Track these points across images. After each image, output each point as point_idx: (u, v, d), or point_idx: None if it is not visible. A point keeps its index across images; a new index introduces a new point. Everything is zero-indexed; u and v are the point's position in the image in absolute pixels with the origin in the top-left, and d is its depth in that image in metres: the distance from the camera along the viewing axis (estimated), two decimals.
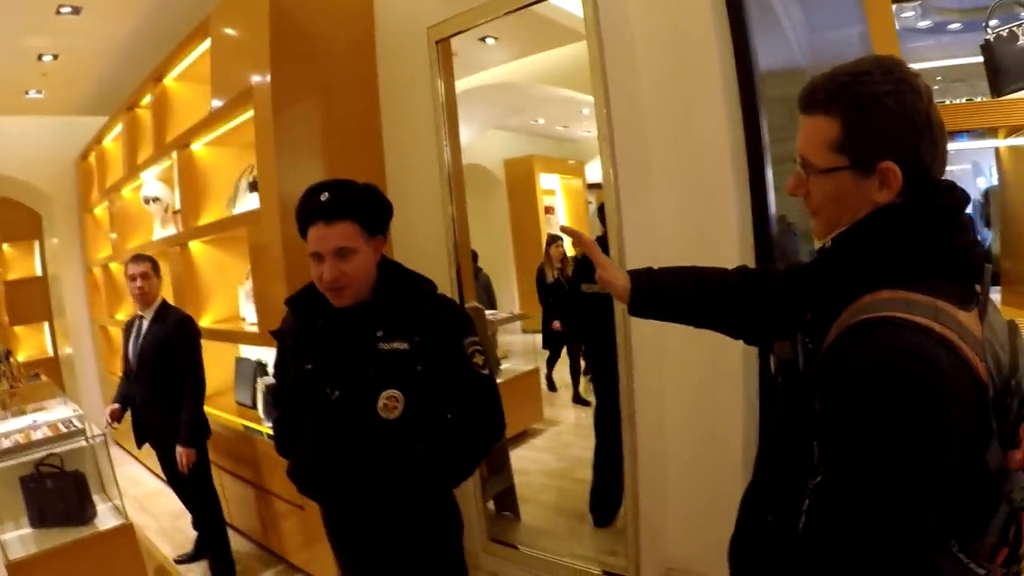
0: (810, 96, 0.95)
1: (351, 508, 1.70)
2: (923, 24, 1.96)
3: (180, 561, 3.48)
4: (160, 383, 3.09)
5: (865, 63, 0.92)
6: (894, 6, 1.75)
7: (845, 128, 0.91)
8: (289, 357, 1.73)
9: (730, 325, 1.27)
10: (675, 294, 1.24)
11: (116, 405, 3.21)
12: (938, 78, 1.93)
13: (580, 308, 3.02)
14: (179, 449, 3.02)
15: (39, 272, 8.07)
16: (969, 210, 0.95)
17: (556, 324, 4.77)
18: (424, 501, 1.69)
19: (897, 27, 1.75)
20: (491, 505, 3.20)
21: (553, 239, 4.91)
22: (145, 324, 3.16)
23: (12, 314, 8.11)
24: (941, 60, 1.96)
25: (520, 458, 3.81)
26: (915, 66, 0.92)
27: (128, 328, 3.28)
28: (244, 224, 3.21)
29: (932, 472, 0.79)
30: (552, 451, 4.01)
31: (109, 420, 3.18)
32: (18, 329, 8.21)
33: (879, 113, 0.88)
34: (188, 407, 3.06)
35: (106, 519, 2.91)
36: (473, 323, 1.76)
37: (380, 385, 1.59)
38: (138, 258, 3.20)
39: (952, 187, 0.93)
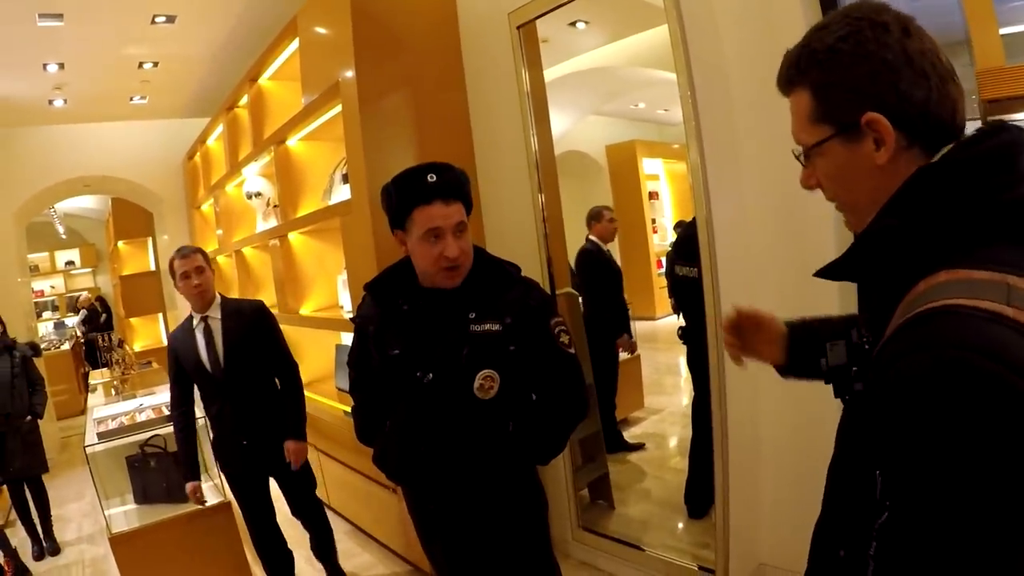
0: (780, 76, 0.88)
1: (442, 489, 1.71)
2: None
3: None
4: (256, 381, 2.74)
5: (826, 19, 0.83)
6: None
7: (814, 92, 0.82)
8: (372, 343, 1.74)
9: None
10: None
11: (195, 483, 2.73)
12: None
13: (675, 290, 2.94)
14: (291, 445, 2.68)
15: (152, 267, 8.68)
16: None
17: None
18: (512, 480, 1.72)
19: None
20: (585, 493, 3.18)
21: None
22: (216, 324, 2.69)
23: (127, 307, 8.78)
24: None
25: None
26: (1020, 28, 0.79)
27: (183, 338, 2.71)
28: (337, 214, 3.29)
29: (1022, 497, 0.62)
30: (651, 440, 3.95)
31: (198, 501, 2.77)
32: (134, 320, 8.88)
33: (838, 61, 0.79)
34: (295, 396, 2.77)
35: (206, 497, 2.99)
36: (556, 304, 1.76)
37: (476, 366, 1.60)
38: (186, 251, 2.68)
39: (1000, 128, 0.78)
